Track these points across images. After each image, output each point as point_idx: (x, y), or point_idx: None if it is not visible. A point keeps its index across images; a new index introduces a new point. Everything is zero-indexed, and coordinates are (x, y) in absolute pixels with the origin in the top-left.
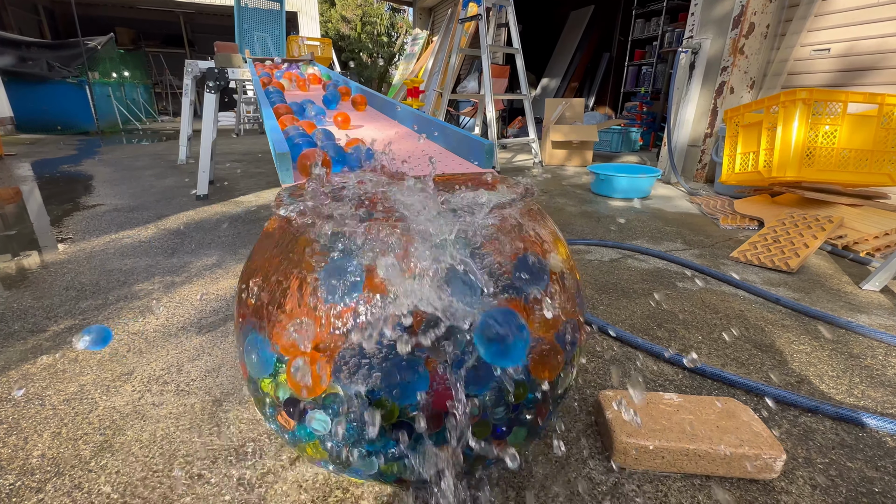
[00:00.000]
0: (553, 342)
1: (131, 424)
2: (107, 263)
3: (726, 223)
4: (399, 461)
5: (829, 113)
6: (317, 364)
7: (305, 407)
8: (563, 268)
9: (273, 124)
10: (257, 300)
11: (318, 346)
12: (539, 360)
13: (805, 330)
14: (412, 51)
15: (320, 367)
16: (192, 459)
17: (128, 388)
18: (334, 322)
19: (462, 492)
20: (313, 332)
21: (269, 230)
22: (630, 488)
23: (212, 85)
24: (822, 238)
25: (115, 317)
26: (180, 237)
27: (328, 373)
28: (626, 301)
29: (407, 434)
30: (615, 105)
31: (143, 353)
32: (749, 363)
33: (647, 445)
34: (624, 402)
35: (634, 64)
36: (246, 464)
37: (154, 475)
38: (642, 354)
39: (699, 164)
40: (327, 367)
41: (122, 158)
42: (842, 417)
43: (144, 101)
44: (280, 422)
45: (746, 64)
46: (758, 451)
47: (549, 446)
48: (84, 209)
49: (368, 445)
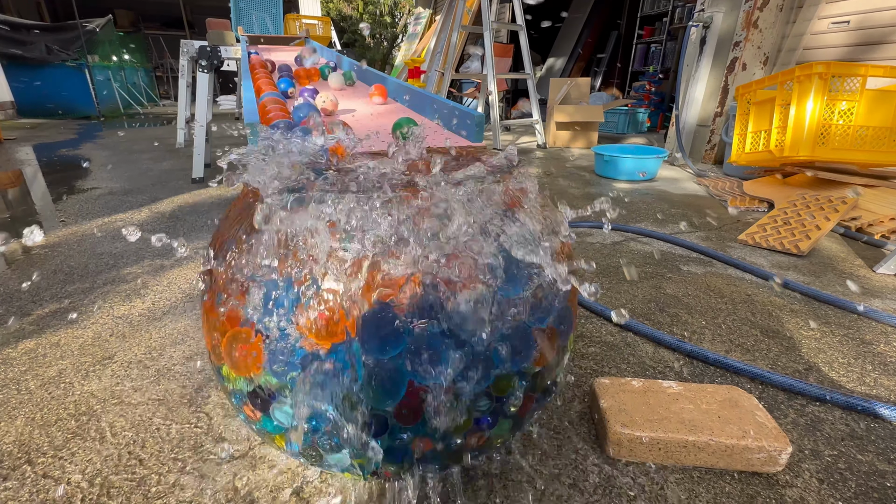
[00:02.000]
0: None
1: (108, 410)
2: (97, 247)
3: (734, 205)
4: (375, 454)
5: (846, 89)
6: (250, 345)
7: (269, 397)
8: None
9: (250, 96)
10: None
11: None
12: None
13: (814, 315)
14: (415, 31)
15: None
16: (169, 446)
17: (107, 373)
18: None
19: (443, 485)
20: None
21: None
22: (624, 481)
23: (204, 64)
24: (834, 220)
25: (100, 300)
26: (173, 220)
27: (260, 355)
28: (628, 285)
29: (380, 428)
30: (622, 86)
31: (125, 338)
32: (755, 349)
33: (643, 436)
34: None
35: (643, 42)
36: (224, 450)
37: (128, 463)
38: (641, 340)
39: (708, 144)
40: (259, 349)
41: (121, 142)
42: (852, 407)
43: (145, 84)
44: (247, 413)
45: (760, 38)
46: (762, 444)
47: (539, 435)
48: (79, 192)
49: (336, 440)
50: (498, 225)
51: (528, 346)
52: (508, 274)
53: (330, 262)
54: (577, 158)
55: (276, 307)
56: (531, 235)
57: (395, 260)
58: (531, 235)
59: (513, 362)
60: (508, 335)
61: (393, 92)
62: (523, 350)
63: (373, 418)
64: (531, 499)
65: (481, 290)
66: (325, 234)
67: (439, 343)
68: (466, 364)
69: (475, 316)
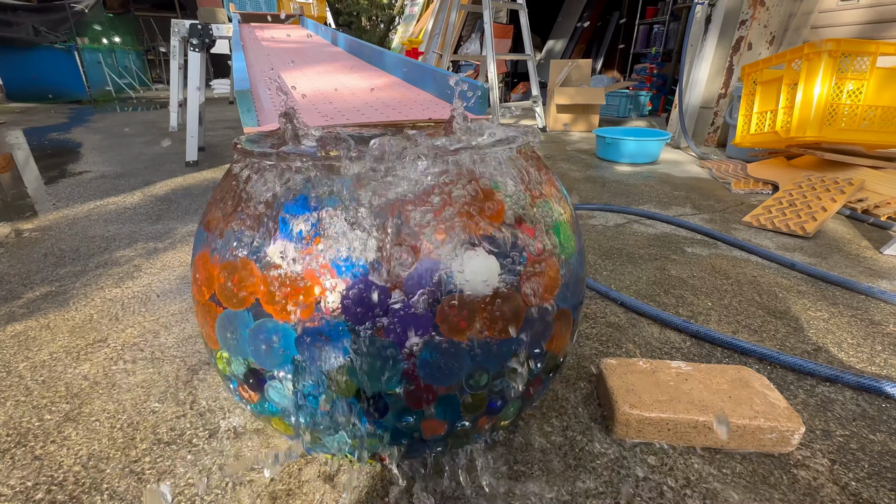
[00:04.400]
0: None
1: (100, 393)
2: (89, 230)
3: (738, 187)
4: (375, 438)
5: (855, 69)
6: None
7: (264, 377)
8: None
9: (241, 65)
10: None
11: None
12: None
13: (822, 296)
14: (412, 12)
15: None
16: (163, 429)
17: (99, 356)
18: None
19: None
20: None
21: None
22: (633, 462)
23: (196, 43)
24: (841, 201)
25: (92, 283)
26: (167, 203)
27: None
28: (632, 266)
29: (381, 410)
30: (624, 69)
31: (118, 320)
32: (762, 330)
33: (652, 416)
34: None
35: (646, 22)
36: (219, 434)
37: (120, 446)
38: (647, 321)
39: (711, 126)
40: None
41: (113, 126)
42: (863, 387)
43: (137, 68)
44: (242, 395)
45: (767, 17)
46: (774, 424)
47: (545, 417)
48: (70, 176)
49: (335, 422)
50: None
51: (547, 326)
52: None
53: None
54: (578, 141)
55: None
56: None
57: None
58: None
59: (529, 344)
60: (527, 316)
61: (391, 66)
62: (542, 330)
63: (371, 399)
64: (538, 482)
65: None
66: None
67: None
68: (480, 348)
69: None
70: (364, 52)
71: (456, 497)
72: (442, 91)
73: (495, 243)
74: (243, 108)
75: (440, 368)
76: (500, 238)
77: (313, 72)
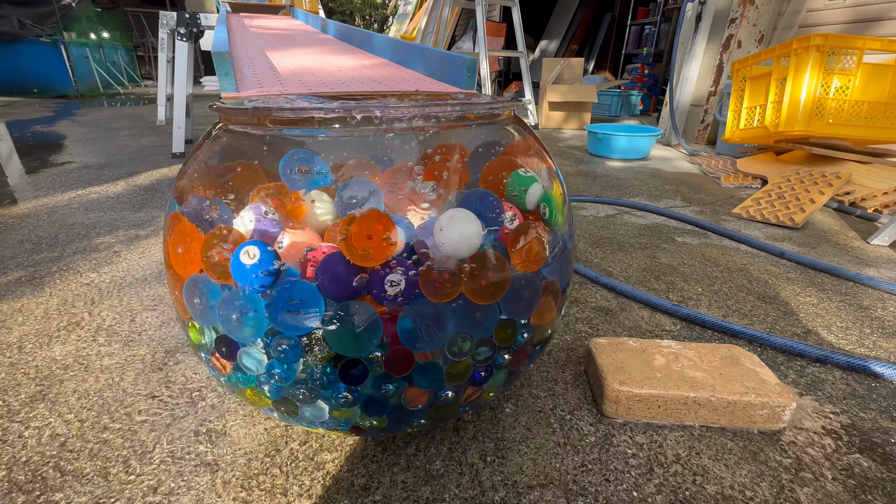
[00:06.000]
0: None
1: (71, 375)
2: (69, 218)
3: (728, 182)
4: (353, 406)
5: (842, 66)
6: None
7: (235, 344)
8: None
9: (222, 34)
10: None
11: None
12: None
13: (811, 283)
14: (405, 10)
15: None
16: (136, 410)
17: (72, 338)
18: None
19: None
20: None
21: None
22: (622, 439)
23: (183, 32)
24: (828, 194)
25: (69, 269)
26: (151, 192)
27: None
28: (622, 255)
29: (360, 376)
30: (615, 69)
31: (94, 304)
32: (752, 314)
33: (642, 393)
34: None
35: (637, 23)
36: (195, 415)
37: (89, 428)
38: (637, 305)
39: (701, 124)
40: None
41: (99, 120)
42: (853, 367)
43: (126, 64)
44: (215, 365)
45: (756, 15)
46: (765, 399)
47: (532, 396)
48: (52, 166)
49: (312, 388)
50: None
51: (535, 292)
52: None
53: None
54: (569, 138)
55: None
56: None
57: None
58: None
59: (515, 311)
60: (516, 280)
61: (380, 49)
62: (531, 297)
63: (349, 365)
64: (525, 459)
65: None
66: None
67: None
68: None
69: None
70: (354, 36)
71: (441, 475)
72: (431, 69)
73: (481, 204)
74: (221, 71)
75: (421, 333)
76: (486, 199)
77: (300, 52)
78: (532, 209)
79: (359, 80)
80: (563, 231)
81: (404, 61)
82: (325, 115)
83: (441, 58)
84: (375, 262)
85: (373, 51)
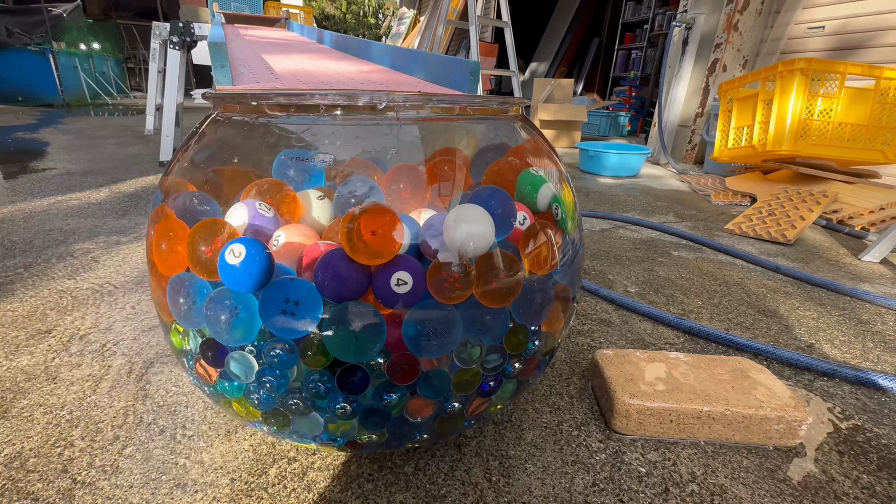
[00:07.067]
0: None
1: (38, 387)
2: (46, 223)
3: (718, 199)
4: (351, 418)
5: (825, 90)
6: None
7: (225, 348)
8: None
9: (217, 31)
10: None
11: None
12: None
13: (809, 297)
14: (399, 30)
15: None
16: (108, 426)
17: (42, 348)
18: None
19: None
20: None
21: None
22: (633, 456)
23: (176, 40)
24: (817, 211)
25: (43, 275)
26: (135, 200)
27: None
28: (620, 267)
29: (360, 385)
30: (603, 91)
31: (67, 312)
32: (754, 327)
33: (654, 406)
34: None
35: (624, 48)
36: (173, 431)
37: (54, 446)
38: (638, 318)
39: (689, 144)
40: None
41: (85, 128)
42: (861, 381)
43: (115, 75)
44: (200, 373)
45: (740, 41)
46: (781, 413)
47: (537, 410)
48: (32, 172)
49: (307, 398)
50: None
51: (547, 297)
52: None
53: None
54: (560, 156)
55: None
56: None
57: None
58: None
59: (527, 316)
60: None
61: (378, 57)
62: (543, 301)
63: (348, 372)
64: (532, 479)
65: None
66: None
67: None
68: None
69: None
70: (351, 45)
71: (443, 495)
72: (432, 74)
73: (491, 201)
74: (216, 62)
75: (428, 337)
76: (498, 197)
77: (298, 57)
78: (543, 210)
79: (359, 81)
80: (573, 235)
81: (404, 68)
82: (330, 101)
83: (442, 62)
84: (381, 260)
85: (371, 59)
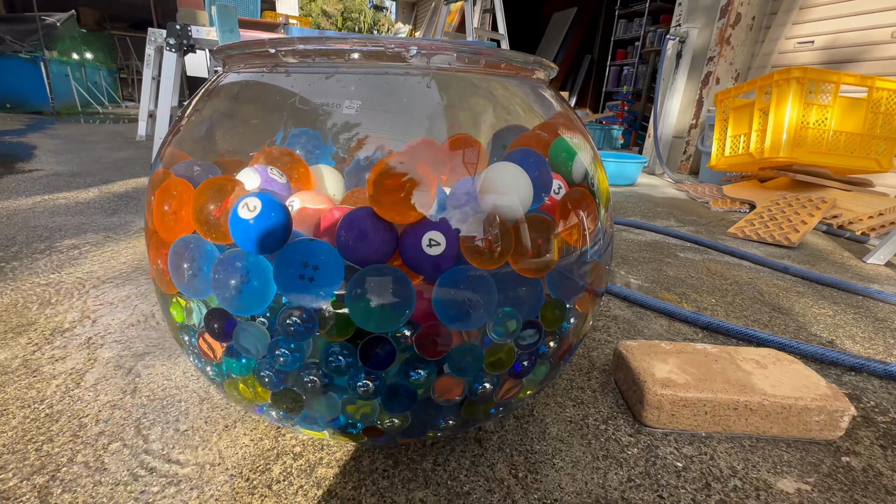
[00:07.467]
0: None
1: (16, 381)
2: (31, 220)
3: (717, 206)
4: (372, 399)
5: (821, 99)
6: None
7: (233, 320)
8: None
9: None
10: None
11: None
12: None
13: (821, 296)
14: None
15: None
16: (92, 421)
17: (21, 341)
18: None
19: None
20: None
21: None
22: (668, 451)
23: (172, 43)
24: (818, 216)
25: (25, 269)
26: (125, 199)
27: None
28: (629, 267)
29: (384, 360)
30: (596, 107)
31: (50, 305)
32: (772, 324)
33: (688, 397)
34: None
35: (616, 64)
36: (165, 424)
37: (30, 441)
38: (654, 314)
39: (683, 155)
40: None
41: (75, 134)
42: (892, 376)
43: (108, 85)
44: (203, 350)
45: (733, 55)
46: (822, 404)
47: (559, 405)
48: (18, 173)
49: (324, 375)
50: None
51: (584, 271)
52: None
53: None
54: None
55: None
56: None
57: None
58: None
59: (564, 291)
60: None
61: None
62: (581, 275)
63: (371, 345)
64: (562, 475)
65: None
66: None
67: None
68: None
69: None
70: None
71: (466, 493)
72: None
73: (525, 163)
74: (225, 27)
75: (462, 306)
76: (534, 158)
77: None
78: (578, 181)
79: None
80: (606, 217)
81: None
82: (359, 47)
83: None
84: (412, 218)
85: None
